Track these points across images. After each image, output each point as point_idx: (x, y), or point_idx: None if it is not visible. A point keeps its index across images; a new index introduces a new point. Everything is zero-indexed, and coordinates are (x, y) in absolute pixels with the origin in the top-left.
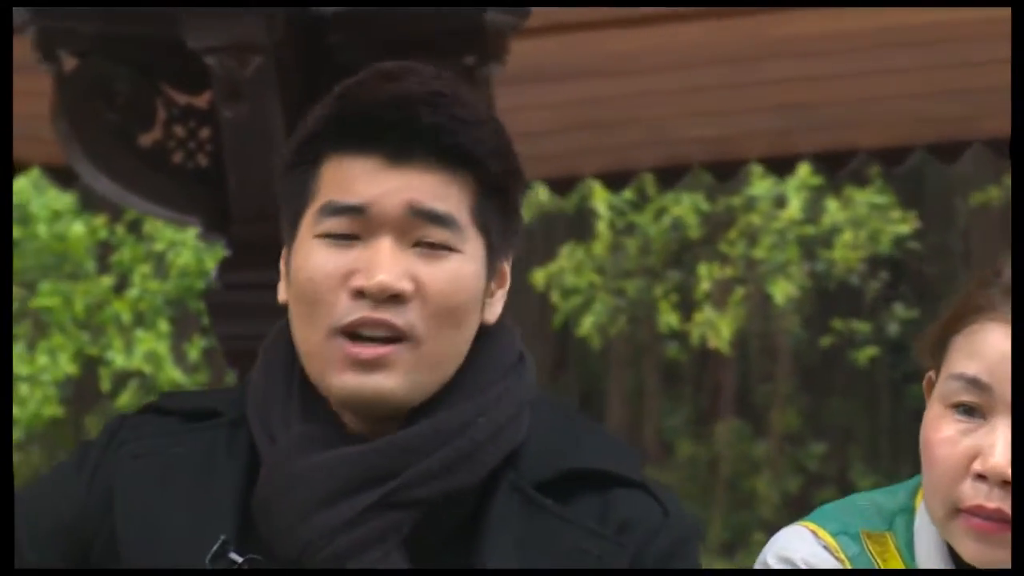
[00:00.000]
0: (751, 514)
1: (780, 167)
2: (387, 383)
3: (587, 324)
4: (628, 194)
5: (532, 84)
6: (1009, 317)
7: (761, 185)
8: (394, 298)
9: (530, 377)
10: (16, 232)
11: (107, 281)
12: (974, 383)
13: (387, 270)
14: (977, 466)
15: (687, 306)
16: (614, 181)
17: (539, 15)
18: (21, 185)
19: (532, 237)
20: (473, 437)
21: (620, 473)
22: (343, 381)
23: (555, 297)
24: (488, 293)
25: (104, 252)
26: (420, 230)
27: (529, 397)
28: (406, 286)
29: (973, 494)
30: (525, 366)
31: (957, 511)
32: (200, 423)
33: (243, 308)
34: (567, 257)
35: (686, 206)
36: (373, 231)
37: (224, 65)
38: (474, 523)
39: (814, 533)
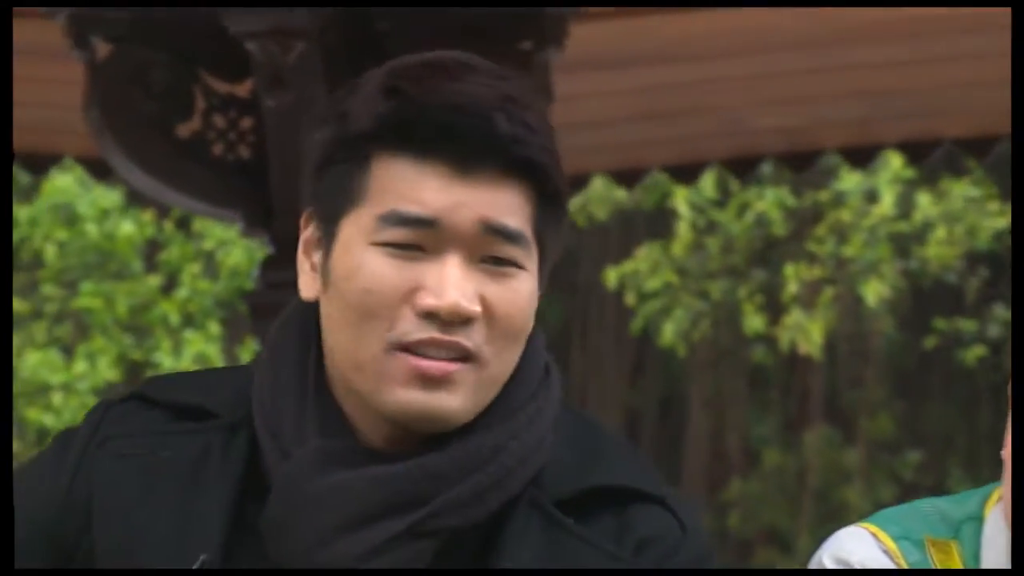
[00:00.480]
0: (842, 526)
1: (860, 158)
2: (452, 402)
3: (669, 332)
4: (709, 190)
5: (594, 70)
6: None
7: (850, 179)
8: (463, 319)
9: (557, 391)
10: (63, 233)
11: (154, 281)
12: None
13: (460, 291)
14: None
15: (773, 308)
16: (682, 173)
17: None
18: (66, 183)
19: (607, 235)
20: (504, 462)
21: (640, 488)
22: (403, 397)
23: (630, 299)
24: None
25: (151, 251)
26: (491, 247)
27: (556, 413)
28: (477, 309)
29: None
30: (552, 379)
31: None
32: (193, 423)
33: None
34: (644, 258)
35: (770, 201)
36: (441, 245)
37: (266, 51)
38: (492, 541)
39: (874, 536)
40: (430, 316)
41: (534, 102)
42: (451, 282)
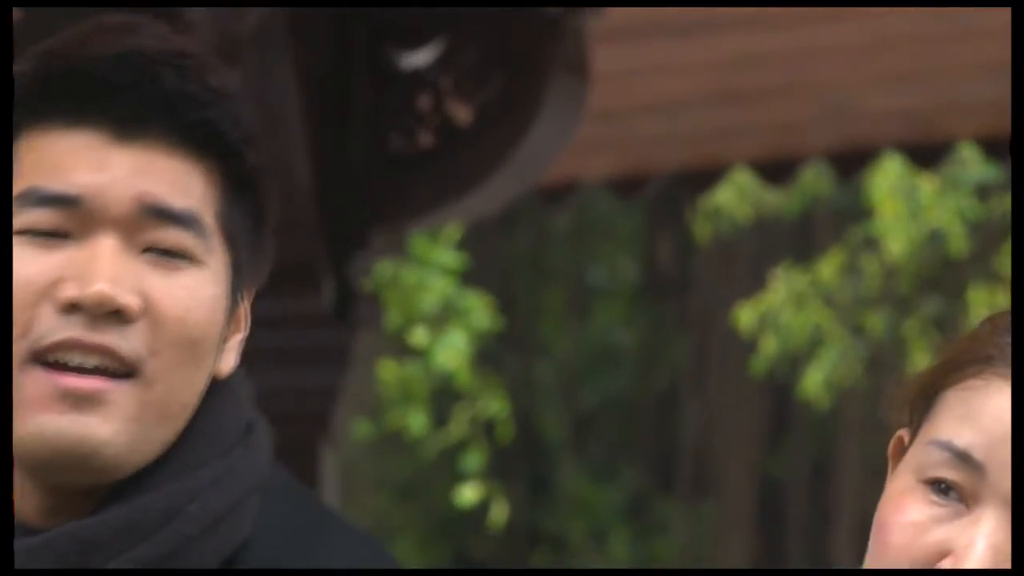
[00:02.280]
0: None
1: (1001, 148)
2: (101, 430)
3: (814, 380)
4: (927, 193)
5: (653, 39)
6: None
7: None
8: (117, 316)
9: (262, 454)
10: None
11: None
12: (963, 458)
13: (108, 278)
14: (947, 563)
15: None
16: (773, 171)
17: None
18: None
19: (733, 254)
20: (179, 530)
21: None
22: (42, 424)
23: (769, 345)
24: (223, 335)
25: None
26: (153, 232)
27: (259, 479)
28: (133, 301)
29: None
30: (256, 437)
31: None
32: None
33: (248, 353)
34: (783, 281)
35: (949, 210)
36: (91, 228)
37: (215, 19)
38: None
39: None
40: (73, 310)
41: (220, 67)
42: (98, 267)
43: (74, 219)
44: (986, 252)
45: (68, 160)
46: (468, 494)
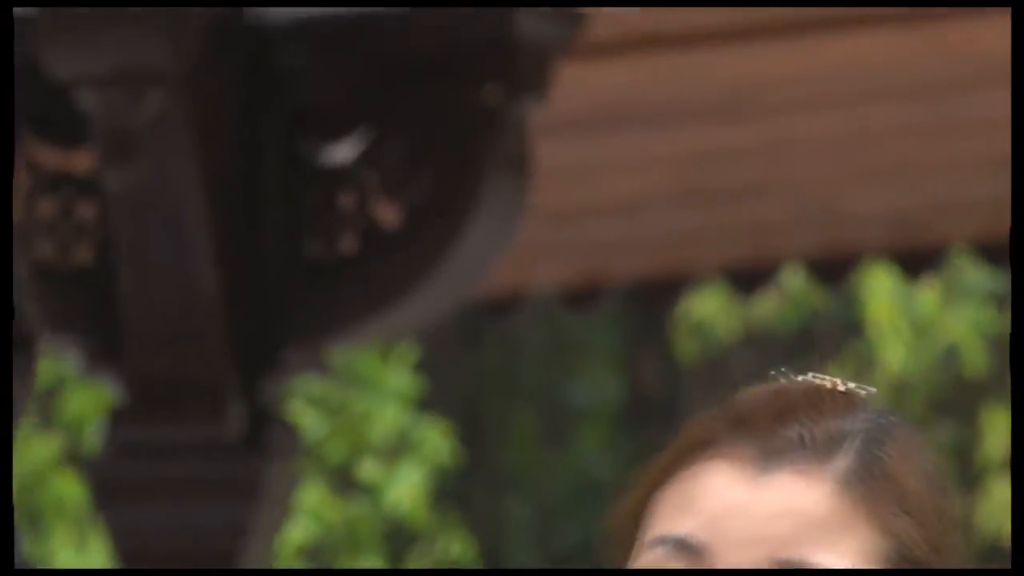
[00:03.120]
0: None
1: (1001, 253)
2: None
3: None
4: (928, 304)
5: (611, 131)
6: (745, 456)
7: None
8: None
9: None
10: None
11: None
12: (683, 546)
13: None
14: None
15: (968, 478)
16: (747, 279)
17: (610, 21)
18: None
19: (725, 370)
20: None
21: None
22: None
23: None
24: None
25: None
26: None
27: None
28: None
29: None
30: None
31: None
32: None
33: (147, 485)
34: None
35: (966, 323)
36: None
37: (109, 105)
38: None
39: None
40: None
41: None
42: None
43: None
44: (1004, 369)
45: None
46: None
